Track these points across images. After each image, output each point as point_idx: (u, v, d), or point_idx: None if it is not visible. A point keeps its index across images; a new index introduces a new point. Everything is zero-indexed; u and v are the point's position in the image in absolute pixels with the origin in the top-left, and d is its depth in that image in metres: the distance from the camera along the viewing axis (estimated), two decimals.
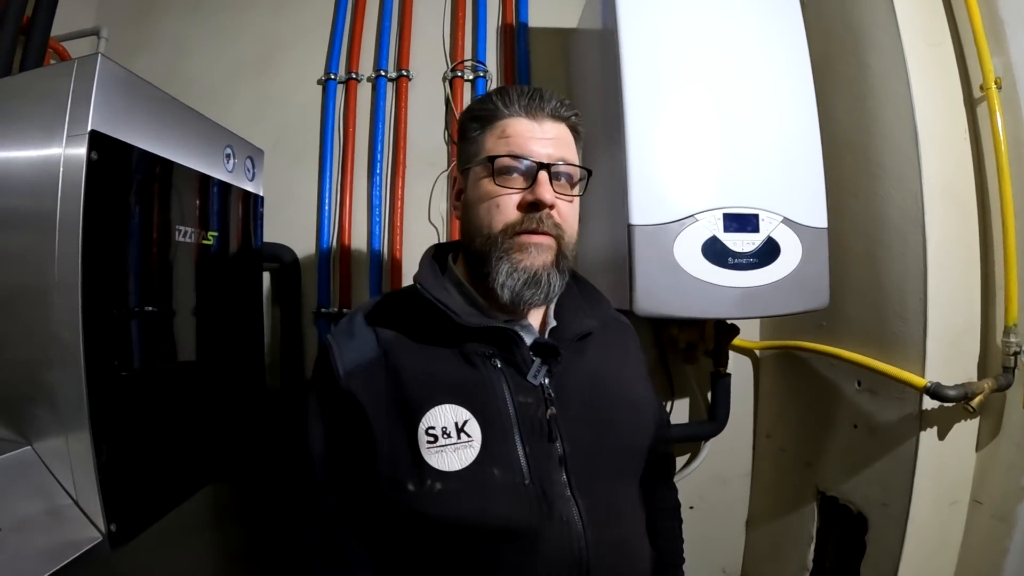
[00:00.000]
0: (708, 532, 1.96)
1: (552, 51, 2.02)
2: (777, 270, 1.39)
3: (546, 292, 0.85)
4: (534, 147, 0.85)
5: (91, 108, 1.02)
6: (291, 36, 2.13)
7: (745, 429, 1.97)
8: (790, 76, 1.47)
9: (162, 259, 1.25)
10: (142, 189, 1.18)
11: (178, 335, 1.32)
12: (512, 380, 0.84)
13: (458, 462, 0.79)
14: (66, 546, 0.99)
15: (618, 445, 0.90)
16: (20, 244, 1.06)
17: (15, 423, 1.09)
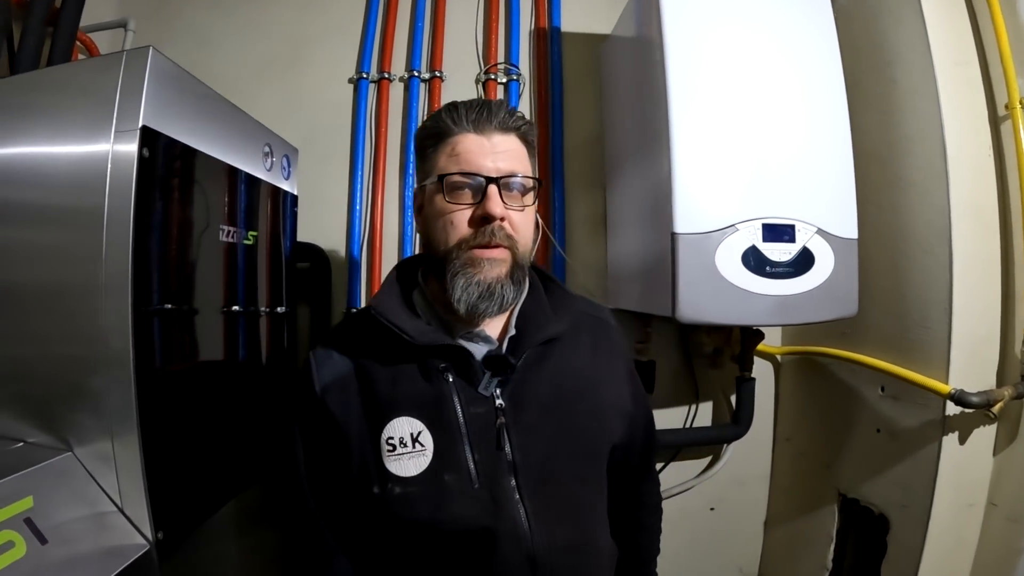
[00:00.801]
0: (726, 532, 2.05)
1: (585, 56, 2.08)
2: (811, 279, 1.47)
3: (500, 303, 0.91)
4: (483, 162, 0.90)
5: (142, 103, 1.02)
6: (319, 33, 2.16)
7: (765, 432, 2.05)
8: (825, 89, 1.55)
9: (208, 259, 1.26)
10: (191, 187, 1.19)
11: (222, 336, 1.34)
12: (463, 392, 0.91)
13: (414, 468, 0.88)
14: (113, 556, 0.99)
15: (577, 451, 0.95)
16: (63, 241, 1.06)
17: (55, 428, 1.08)
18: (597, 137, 2.05)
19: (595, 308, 1.13)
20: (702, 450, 2.03)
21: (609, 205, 2.02)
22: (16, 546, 0.88)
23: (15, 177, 1.11)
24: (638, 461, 1.13)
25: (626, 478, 1.11)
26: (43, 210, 1.09)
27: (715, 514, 2.05)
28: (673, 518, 1.98)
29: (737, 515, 2.07)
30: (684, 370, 2.02)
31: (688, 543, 2.05)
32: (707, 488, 2.03)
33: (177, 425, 1.13)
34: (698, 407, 2.02)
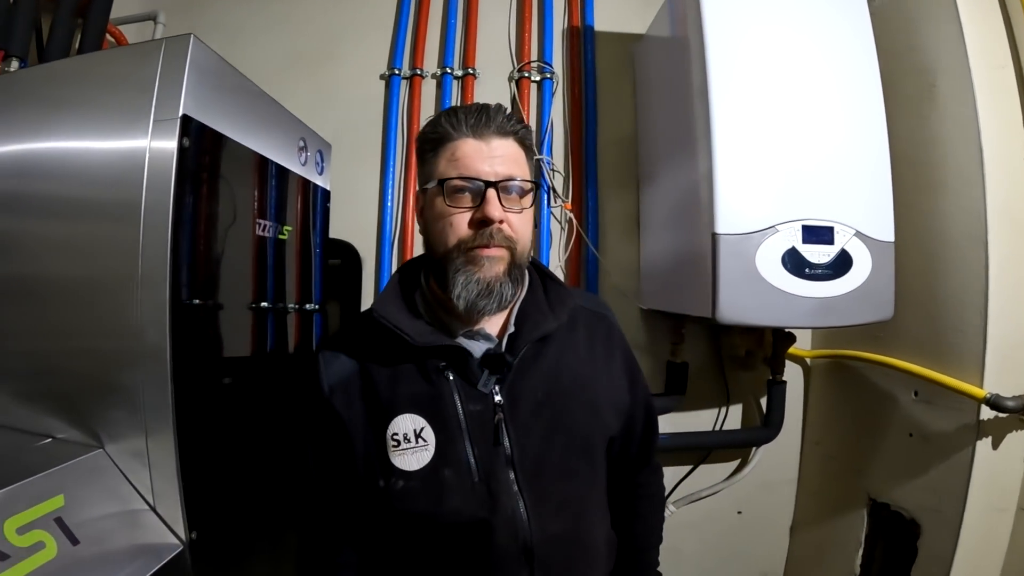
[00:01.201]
0: (752, 536, 2.07)
1: (618, 55, 2.10)
2: (849, 281, 1.49)
3: (498, 301, 0.93)
4: (481, 167, 0.93)
5: (183, 91, 1.01)
6: (351, 29, 2.18)
7: (793, 435, 2.07)
8: (862, 91, 1.57)
9: (246, 253, 1.26)
10: (229, 179, 1.18)
11: (258, 332, 1.33)
12: (463, 390, 0.95)
13: (416, 463, 0.93)
14: (146, 557, 0.98)
15: (570, 445, 0.98)
16: (97, 234, 1.04)
17: (85, 423, 1.07)
18: (630, 136, 2.07)
19: (594, 303, 1.15)
20: (731, 453, 2.05)
21: (642, 205, 2.03)
22: (47, 547, 0.86)
23: (47, 169, 1.10)
24: (637, 451, 1.15)
25: (624, 468, 1.15)
26: (76, 202, 1.07)
27: (742, 517, 2.07)
28: (699, 521, 2.03)
29: (763, 519, 2.08)
30: (716, 372, 2.04)
31: (714, 546, 2.07)
32: (735, 491, 2.04)
33: (213, 422, 1.13)
34: (728, 409, 2.04)
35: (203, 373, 1.10)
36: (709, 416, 2.05)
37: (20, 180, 1.11)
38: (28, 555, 0.83)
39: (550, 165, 2.07)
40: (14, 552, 0.82)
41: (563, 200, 2.06)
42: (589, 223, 2.04)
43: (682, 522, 2.05)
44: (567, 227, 2.06)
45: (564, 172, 2.10)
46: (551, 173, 2.08)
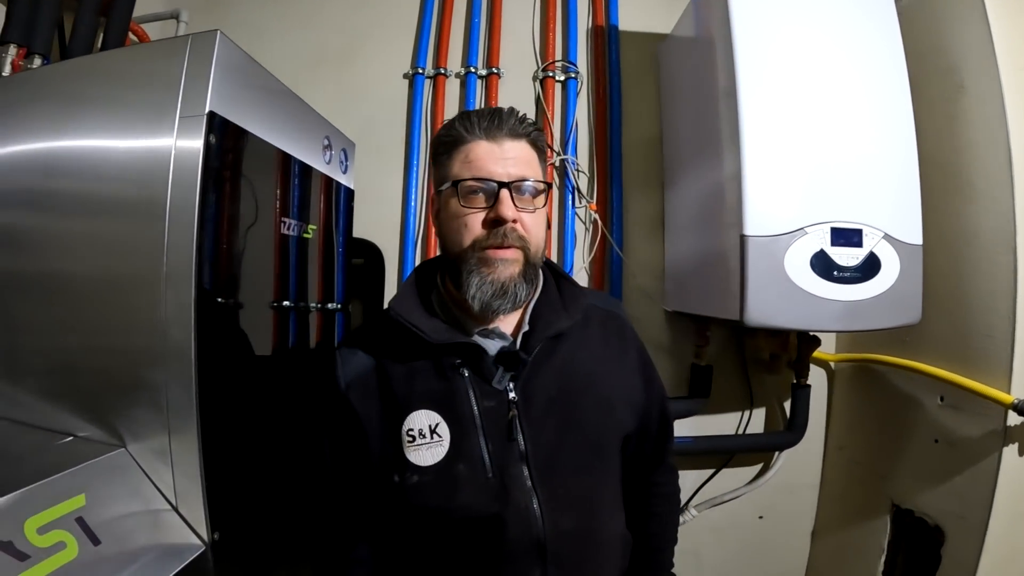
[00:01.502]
0: (773, 541, 2.07)
1: (643, 55, 2.11)
2: (877, 285, 1.49)
3: (513, 301, 0.96)
4: (494, 168, 0.95)
5: (209, 88, 1.00)
6: (374, 28, 2.19)
7: (816, 440, 2.06)
8: (889, 91, 1.56)
9: (270, 252, 1.26)
10: (255, 177, 1.18)
11: (281, 330, 1.33)
12: (478, 387, 0.97)
13: (431, 458, 0.95)
14: (168, 557, 0.98)
15: (582, 441, 1.00)
16: (121, 232, 1.04)
17: (107, 422, 1.06)
18: (656, 137, 2.07)
19: (606, 302, 1.17)
20: (753, 457, 2.05)
21: (667, 206, 2.03)
22: (68, 547, 0.86)
23: (72, 166, 1.09)
24: (652, 450, 1.16)
25: (639, 466, 1.16)
26: (100, 199, 1.07)
27: (763, 522, 2.06)
28: (721, 526, 2.03)
29: (785, 524, 2.08)
30: (740, 375, 2.03)
31: (735, 552, 2.07)
32: (757, 496, 2.04)
33: (236, 421, 1.12)
34: (751, 413, 2.04)
35: (227, 372, 1.10)
36: (732, 419, 2.05)
37: (47, 178, 1.12)
38: (49, 555, 0.83)
39: (575, 165, 2.08)
40: (35, 552, 0.81)
41: (588, 200, 2.06)
42: (614, 224, 2.04)
43: (703, 526, 2.05)
44: (592, 228, 2.06)
45: (589, 172, 2.10)
46: (575, 173, 2.08)
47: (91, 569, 0.87)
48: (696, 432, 2.00)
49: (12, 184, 1.15)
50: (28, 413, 1.13)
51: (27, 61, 1.47)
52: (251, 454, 1.17)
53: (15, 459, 1.00)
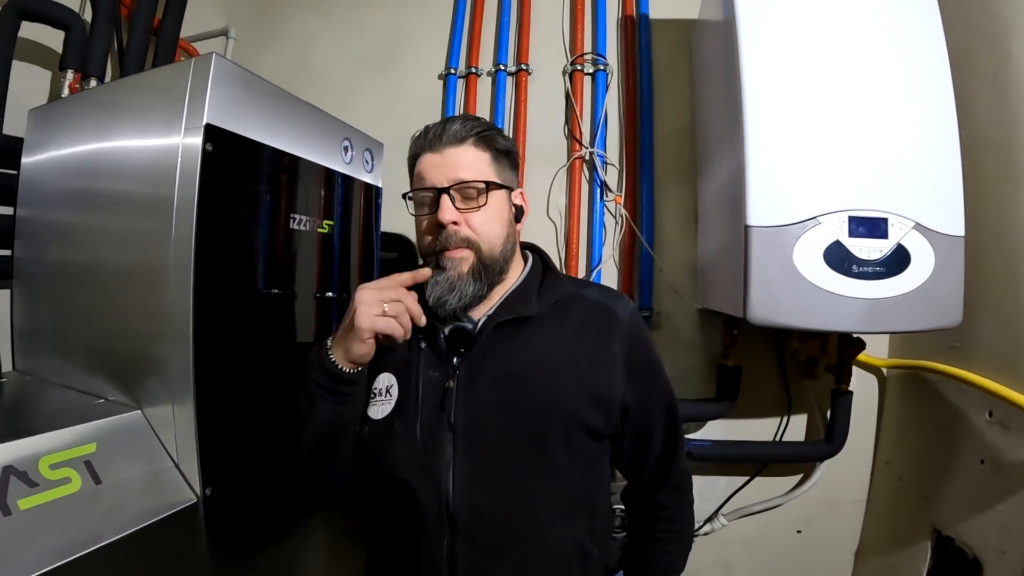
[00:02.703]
0: (812, 558, 1.93)
1: (674, 43, 2.05)
2: (906, 281, 1.35)
3: (459, 297, 1.03)
4: (434, 176, 1.04)
5: (206, 103, 1.14)
6: (413, 32, 2.31)
7: (864, 453, 1.90)
8: (925, 67, 1.42)
9: (274, 244, 1.37)
10: (256, 178, 1.30)
11: (288, 317, 1.44)
12: (427, 359, 1.08)
13: (380, 414, 1.07)
14: (160, 504, 1.11)
15: (512, 424, 1.02)
16: (141, 226, 1.21)
17: (130, 389, 1.24)
18: (689, 127, 2.01)
19: (606, 296, 1.16)
20: (791, 467, 1.92)
21: (699, 198, 1.96)
22: (72, 482, 1.02)
23: (102, 167, 1.30)
24: (654, 465, 1.15)
25: (639, 481, 1.18)
26: (127, 197, 1.25)
27: (802, 537, 1.93)
28: (753, 537, 1.95)
29: (826, 541, 1.93)
30: (776, 379, 1.92)
31: (768, 565, 1.95)
32: (795, 508, 1.91)
33: (230, 394, 1.25)
34: (789, 419, 1.92)
35: (222, 352, 1.22)
36: (769, 425, 1.93)
37: (88, 178, 1.33)
38: (55, 487, 0.99)
39: (603, 159, 2.06)
40: (43, 482, 0.98)
41: (614, 194, 2.03)
42: (644, 218, 2.00)
43: (734, 536, 1.96)
44: (622, 222, 2.03)
45: (619, 166, 2.08)
46: (603, 168, 2.06)
47: (89, 502, 1.02)
48: (727, 437, 1.91)
49: (63, 185, 1.39)
50: (73, 380, 1.35)
51: (84, 83, 1.67)
52: (243, 422, 1.28)
53: (55, 412, 1.20)
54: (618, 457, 1.15)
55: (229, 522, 1.24)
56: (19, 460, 0.98)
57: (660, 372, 1.16)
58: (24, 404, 1.32)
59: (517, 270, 1.14)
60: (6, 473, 0.95)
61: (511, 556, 1.02)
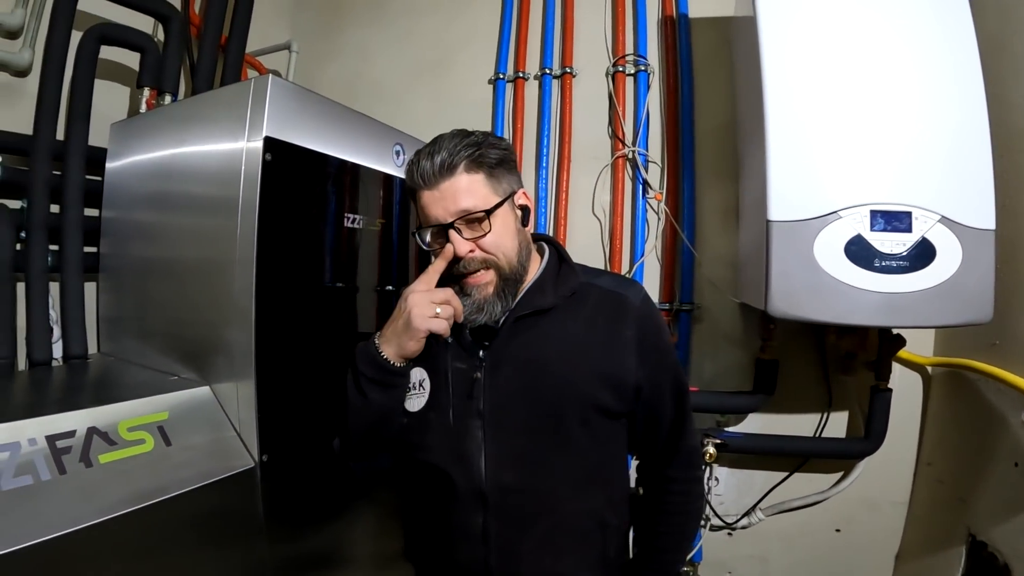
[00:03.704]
0: (850, 558, 1.93)
1: (714, 40, 2.10)
2: (930, 276, 1.37)
3: (489, 314, 1.09)
4: (436, 212, 1.07)
5: (265, 118, 1.32)
6: (464, 39, 2.46)
7: (906, 453, 1.88)
8: (951, 53, 1.42)
9: (330, 241, 1.55)
10: (312, 182, 1.48)
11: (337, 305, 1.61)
12: (454, 352, 1.14)
13: (416, 406, 1.16)
14: (221, 466, 1.30)
15: (532, 406, 1.10)
16: (212, 225, 1.41)
17: (200, 368, 1.46)
18: (729, 123, 2.05)
19: (618, 284, 1.20)
20: (833, 464, 1.92)
21: (739, 194, 2.00)
22: (145, 443, 1.23)
23: (177, 172, 1.52)
24: (664, 440, 1.19)
25: (651, 456, 1.24)
26: (195, 200, 1.47)
27: (841, 536, 1.93)
28: (792, 533, 1.97)
29: (865, 541, 1.92)
30: (817, 374, 1.94)
31: (805, 563, 1.97)
32: (834, 506, 1.92)
33: (287, 373, 1.43)
34: (829, 416, 1.93)
35: (280, 335, 1.41)
36: (810, 421, 1.95)
37: (164, 182, 1.56)
38: (131, 446, 1.21)
39: (645, 157, 2.13)
40: (120, 441, 1.20)
41: (655, 191, 2.10)
42: (685, 214, 2.06)
43: (771, 531, 1.99)
44: (662, 218, 2.10)
45: (660, 163, 2.15)
46: (644, 166, 2.14)
47: (159, 460, 1.23)
48: (766, 431, 1.95)
49: (143, 189, 1.63)
50: (150, 360, 1.60)
51: (159, 99, 1.91)
52: (298, 398, 1.47)
53: (134, 385, 1.43)
54: (632, 433, 1.19)
55: (282, 486, 1.42)
56: (101, 422, 1.20)
57: (669, 352, 1.20)
58: (107, 379, 1.56)
59: (534, 265, 1.19)
60: (90, 433, 1.16)
61: (538, 528, 1.10)
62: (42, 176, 1.64)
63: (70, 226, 1.68)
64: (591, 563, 1.15)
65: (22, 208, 1.67)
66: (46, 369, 1.62)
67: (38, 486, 1.04)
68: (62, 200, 1.69)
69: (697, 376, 2.08)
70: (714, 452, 1.85)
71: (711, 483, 2.02)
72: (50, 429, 1.12)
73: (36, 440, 1.09)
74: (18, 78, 1.79)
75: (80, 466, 1.11)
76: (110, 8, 1.83)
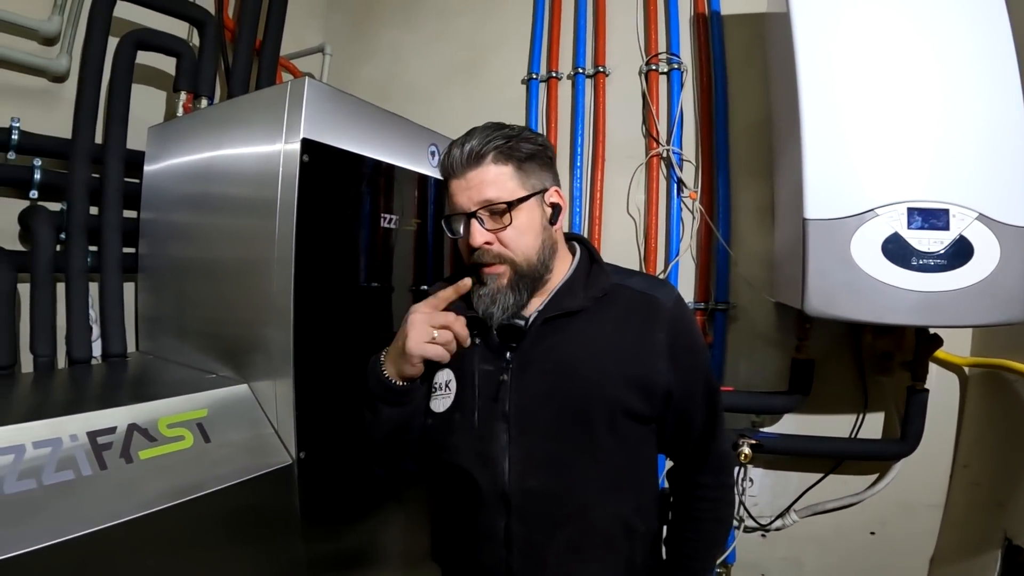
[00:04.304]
0: (885, 561, 1.93)
1: (747, 37, 2.12)
2: (968, 274, 1.38)
3: (503, 307, 1.09)
4: (461, 200, 1.09)
5: (302, 120, 1.36)
6: (497, 40, 2.51)
7: (943, 455, 1.88)
8: (986, 46, 1.43)
9: (365, 240, 1.59)
10: (348, 183, 1.52)
11: (374, 305, 1.66)
12: (481, 353, 1.15)
13: (441, 407, 1.17)
14: (259, 462, 1.34)
15: (559, 410, 1.09)
16: (250, 225, 1.45)
17: (238, 366, 1.50)
18: (764, 121, 2.06)
19: (649, 285, 1.19)
20: (868, 466, 1.92)
21: (775, 192, 2.00)
22: (185, 439, 1.28)
23: (215, 174, 1.57)
24: (694, 445, 1.19)
25: (680, 462, 1.24)
26: (233, 201, 1.52)
27: (876, 539, 1.93)
28: (826, 535, 1.98)
29: (901, 544, 1.92)
30: (853, 375, 1.94)
31: (839, 566, 1.97)
32: (869, 508, 1.92)
33: (324, 370, 1.47)
34: (864, 416, 1.93)
35: (318, 334, 1.45)
36: (845, 422, 1.95)
37: (202, 183, 1.62)
38: (170, 442, 1.26)
39: (679, 156, 2.15)
40: (160, 438, 1.25)
41: (690, 190, 2.12)
42: (720, 212, 2.08)
43: (805, 534, 1.99)
44: (697, 216, 2.13)
45: (695, 162, 2.17)
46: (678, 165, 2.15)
47: (199, 457, 1.28)
48: (802, 431, 1.95)
49: (181, 191, 1.70)
50: (190, 358, 1.65)
51: (196, 103, 1.98)
52: (335, 397, 1.50)
53: (174, 383, 1.48)
54: (661, 438, 1.19)
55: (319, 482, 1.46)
56: (141, 419, 1.25)
57: (701, 355, 1.19)
58: (146, 376, 1.62)
59: (564, 265, 1.19)
60: (130, 429, 1.22)
61: (562, 533, 1.10)
62: (81, 179, 1.72)
63: (109, 228, 1.75)
64: (617, 569, 1.14)
65: (62, 210, 1.75)
66: (85, 367, 1.69)
67: (79, 481, 1.08)
68: (101, 202, 1.76)
69: (732, 376, 2.09)
70: (749, 453, 1.86)
71: (745, 484, 2.03)
72: (91, 425, 1.17)
73: (77, 436, 1.14)
74: (56, 83, 1.87)
75: (120, 462, 1.16)
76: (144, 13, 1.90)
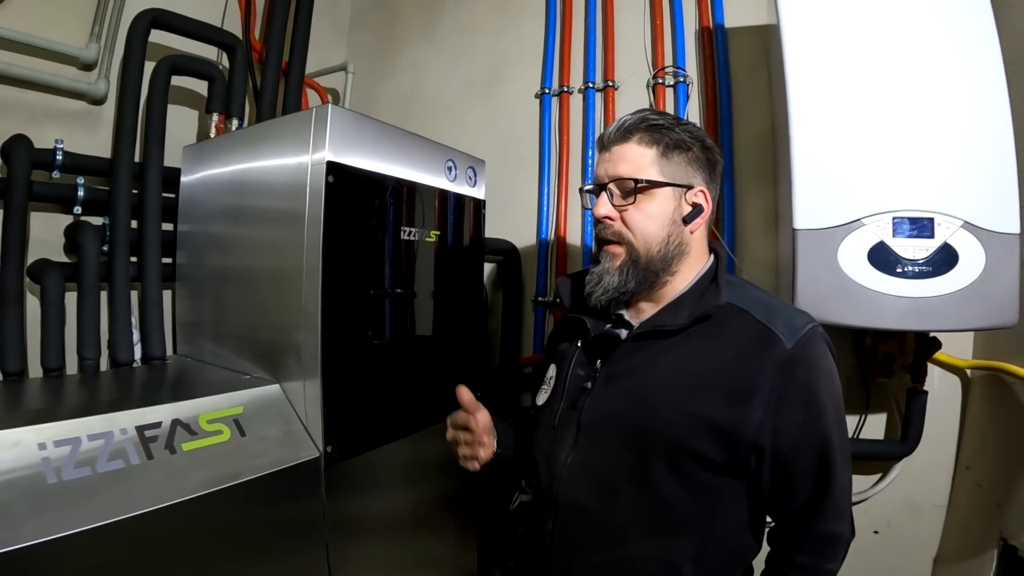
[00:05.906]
0: (888, 561, 1.98)
1: (752, 49, 2.20)
2: (953, 280, 1.45)
3: (604, 290, 1.12)
4: (599, 171, 1.15)
5: (327, 143, 1.52)
6: (513, 55, 2.66)
7: (946, 456, 1.93)
8: (972, 56, 1.49)
9: (388, 252, 1.75)
10: (370, 199, 1.67)
11: (397, 311, 1.81)
12: (578, 357, 1.21)
13: (540, 400, 1.27)
14: (290, 454, 1.51)
15: (621, 434, 1.08)
16: (283, 236, 1.61)
17: (271, 368, 1.67)
18: (768, 130, 2.15)
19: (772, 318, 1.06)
20: (871, 466, 1.99)
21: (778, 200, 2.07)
22: (223, 433, 1.46)
23: (250, 187, 1.75)
24: (792, 519, 1.07)
25: (778, 531, 1.13)
26: (266, 213, 1.68)
27: (879, 538, 1.99)
28: None
29: (904, 545, 1.98)
30: (855, 377, 2.01)
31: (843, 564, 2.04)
32: (873, 508, 1.99)
33: (351, 373, 1.64)
34: (866, 418, 2.00)
35: (344, 337, 1.61)
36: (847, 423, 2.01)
37: (237, 196, 1.80)
38: (210, 436, 1.44)
39: None
40: (200, 432, 1.43)
41: None
42: (724, 221, 2.17)
43: None
44: None
45: None
46: None
47: (235, 449, 1.46)
48: None
49: (216, 204, 1.88)
50: (226, 361, 1.84)
51: (227, 124, 2.17)
52: (359, 395, 1.68)
53: (212, 383, 1.65)
54: (757, 497, 1.07)
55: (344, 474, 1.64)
56: (184, 415, 1.44)
57: (821, 414, 1.02)
58: (186, 377, 1.81)
59: (691, 273, 1.14)
60: (174, 424, 1.40)
61: (596, 557, 1.09)
62: (123, 195, 1.92)
63: (149, 240, 1.95)
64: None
65: (104, 224, 1.95)
66: (128, 369, 1.89)
67: (128, 470, 1.26)
68: (141, 216, 1.97)
69: None
70: None
71: None
72: (139, 420, 1.35)
73: (127, 430, 1.31)
74: (95, 106, 2.08)
75: (165, 453, 1.33)
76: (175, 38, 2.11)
